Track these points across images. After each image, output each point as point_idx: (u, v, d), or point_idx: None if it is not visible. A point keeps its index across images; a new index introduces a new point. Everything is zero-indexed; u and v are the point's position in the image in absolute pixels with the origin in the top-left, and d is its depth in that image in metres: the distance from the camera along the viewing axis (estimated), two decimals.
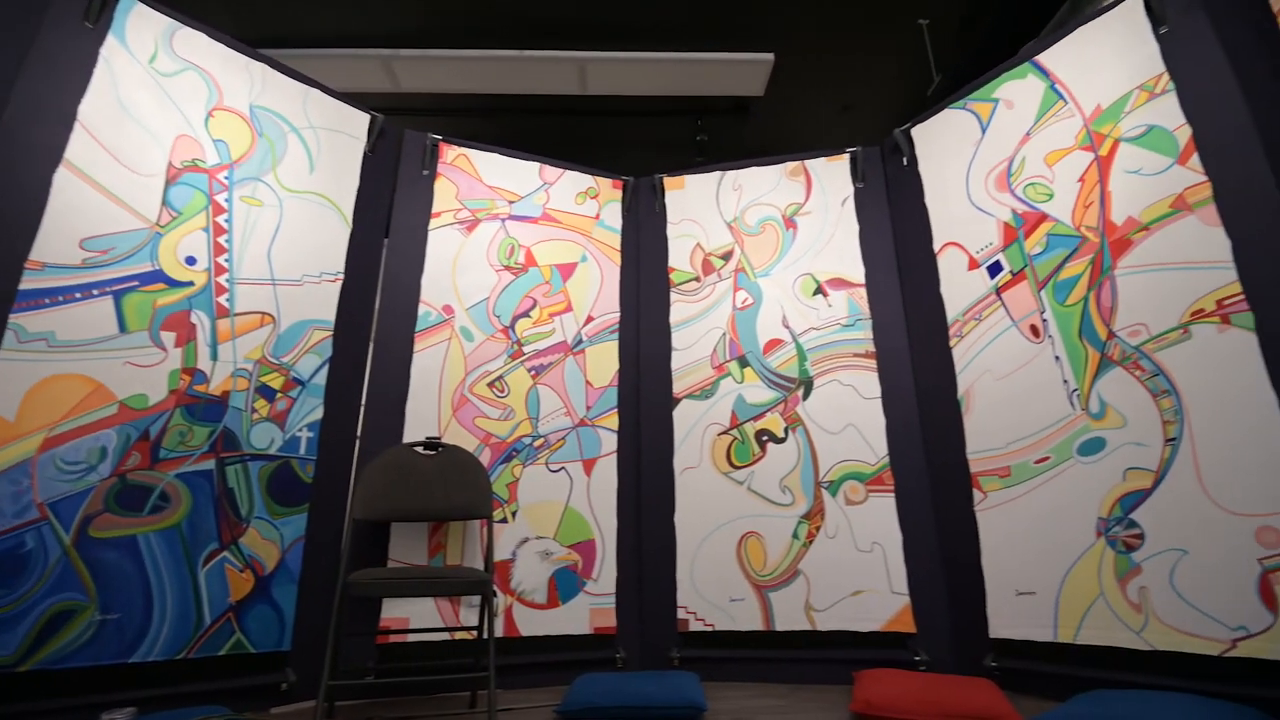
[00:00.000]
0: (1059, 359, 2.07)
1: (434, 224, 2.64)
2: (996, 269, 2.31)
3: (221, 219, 2.14)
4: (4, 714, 1.55)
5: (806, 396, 2.57)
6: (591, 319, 2.77)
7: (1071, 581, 1.93)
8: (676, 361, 2.73)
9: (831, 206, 2.82)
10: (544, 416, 2.55)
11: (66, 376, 1.75)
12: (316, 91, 2.49)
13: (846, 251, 2.73)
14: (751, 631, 2.34)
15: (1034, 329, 2.16)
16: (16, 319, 1.70)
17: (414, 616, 2.16)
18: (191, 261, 2.05)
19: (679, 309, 2.81)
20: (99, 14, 1.99)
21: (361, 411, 2.37)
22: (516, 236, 2.76)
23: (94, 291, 1.84)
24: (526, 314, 2.66)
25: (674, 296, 2.83)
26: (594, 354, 2.72)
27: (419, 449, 2.19)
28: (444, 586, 1.89)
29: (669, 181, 3.02)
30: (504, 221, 2.76)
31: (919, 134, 2.70)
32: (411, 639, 2.14)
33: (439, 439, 2.24)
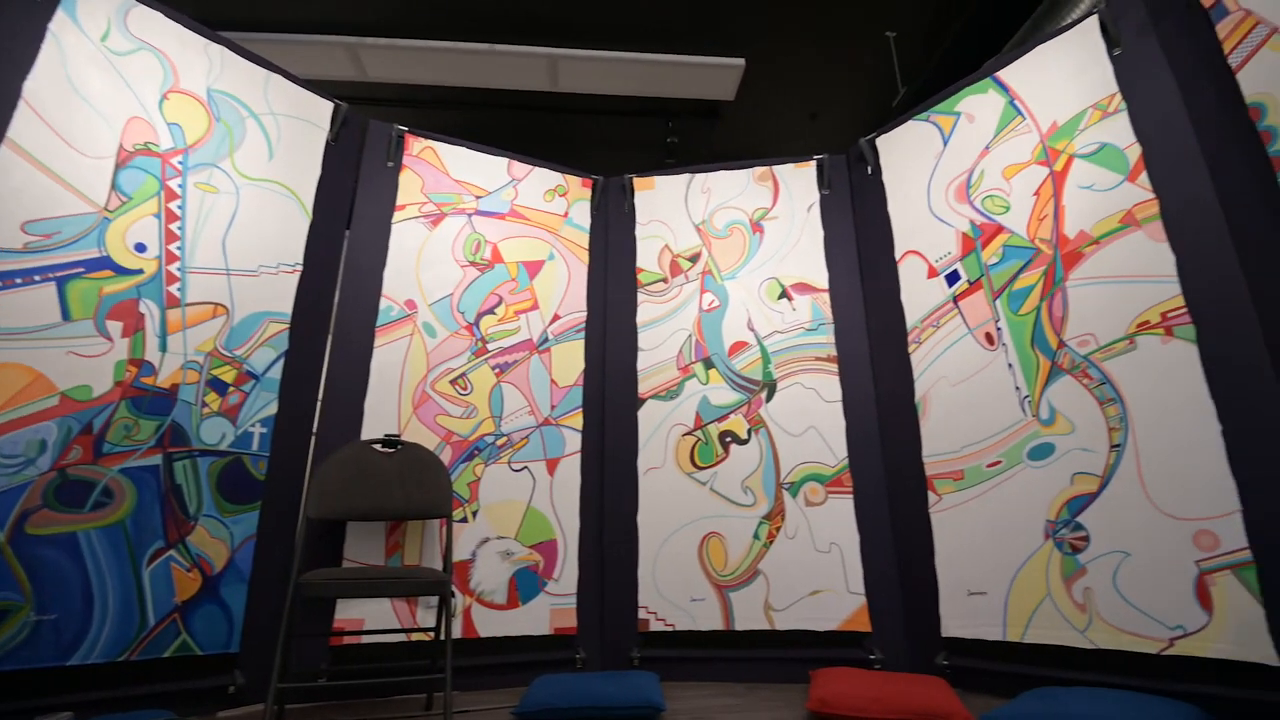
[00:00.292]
0: (1012, 366, 2.14)
1: (398, 217, 2.59)
2: (954, 278, 2.37)
3: (174, 205, 2.07)
4: None
5: (770, 399, 2.60)
6: (558, 317, 2.75)
7: (1020, 582, 1.99)
8: (642, 362, 2.73)
9: (798, 212, 2.85)
10: (507, 415, 2.53)
11: (5, 366, 1.67)
12: (278, 77, 2.42)
13: (811, 257, 2.77)
14: (711, 631, 2.36)
15: (989, 337, 2.22)
16: None
17: (369, 618, 2.12)
18: (141, 248, 1.97)
19: (646, 309, 2.81)
20: None
21: (318, 407, 2.31)
22: (483, 232, 2.73)
23: (36, 277, 1.76)
24: (492, 311, 2.63)
25: (641, 297, 2.84)
26: (560, 353, 2.70)
27: (377, 446, 2.14)
28: (400, 587, 1.86)
29: (639, 182, 3.02)
30: (470, 217, 2.72)
31: (883, 144, 2.75)
32: (366, 640, 2.10)
33: (398, 436, 2.21)
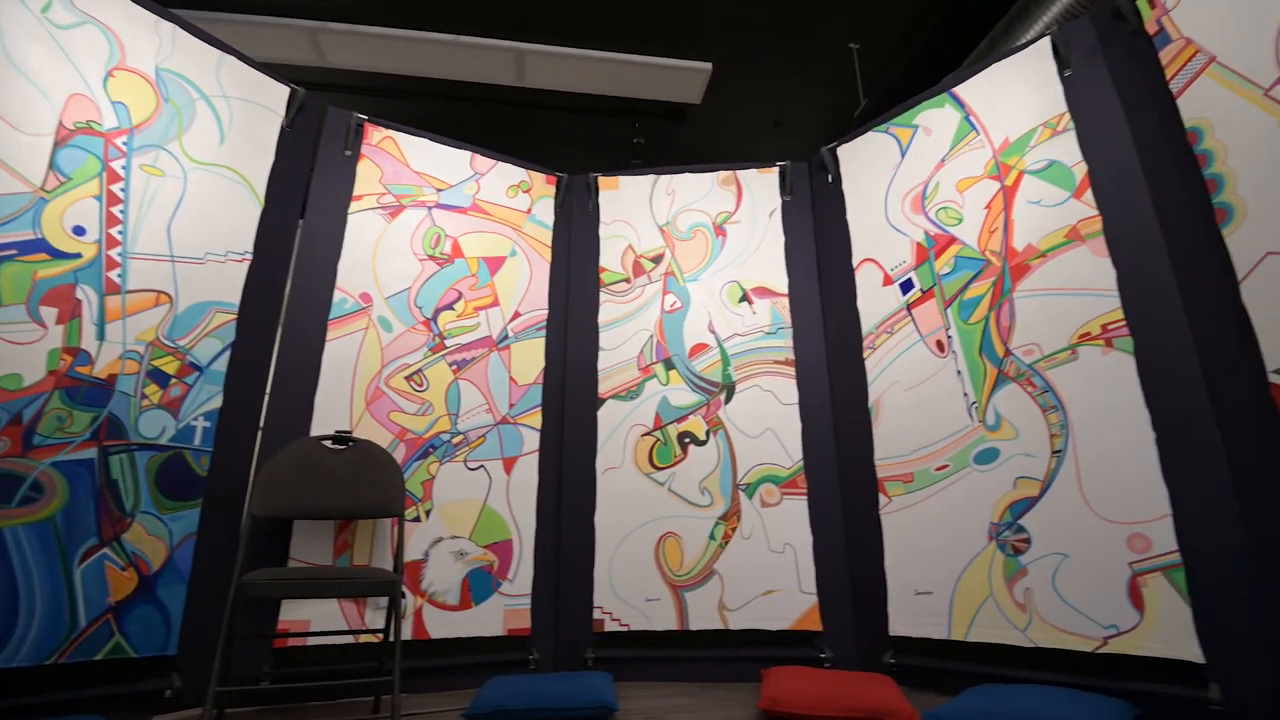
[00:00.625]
0: (961, 373, 2.20)
1: (355, 207, 2.53)
2: (908, 286, 2.43)
3: (117, 188, 1.97)
4: None
5: (729, 400, 2.62)
6: (519, 315, 2.72)
7: (965, 582, 2.05)
8: (603, 362, 2.73)
9: (760, 217, 2.89)
10: (464, 413, 2.49)
11: None
12: (232, 59, 2.34)
13: (772, 262, 2.80)
14: (666, 631, 2.36)
15: (940, 344, 2.28)
16: None
17: (315, 619, 2.06)
18: (80, 232, 1.88)
19: (608, 309, 2.81)
20: None
21: (265, 402, 2.24)
22: (443, 226, 2.68)
23: None
24: (450, 306, 2.59)
25: (603, 296, 2.83)
26: (520, 350, 2.68)
27: (327, 443, 2.09)
28: (349, 587, 1.81)
29: (604, 181, 3.02)
30: (431, 210, 2.68)
31: (844, 153, 2.80)
32: (312, 642, 2.04)
33: (349, 433, 2.15)
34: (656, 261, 2.85)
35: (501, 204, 2.84)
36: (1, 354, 1.68)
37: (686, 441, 2.58)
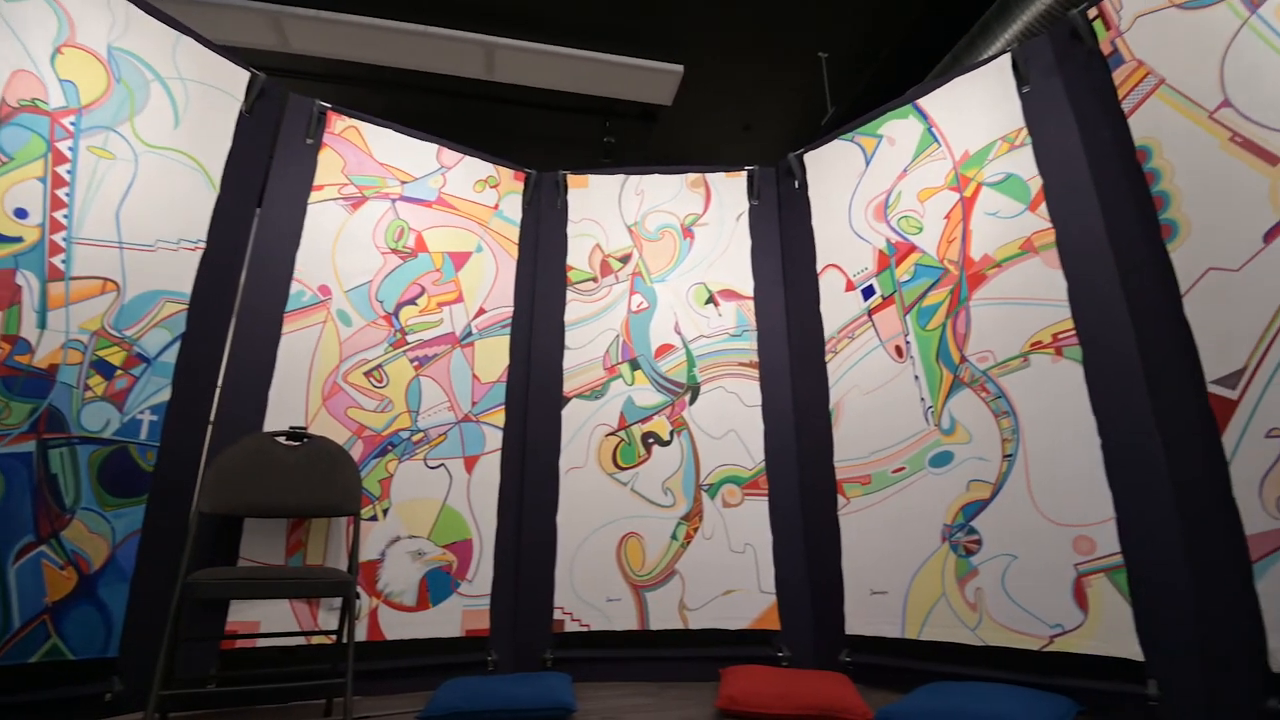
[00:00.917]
0: (918, 378, 2.25)
1: (315, 197, 2.46)
2: (870, 292, 2.47)
3: (63, 169, 1.89)
4: None
5: (693, 401, 2.63)
6: (483, 311, 2.69)
7: (919, 582, 2.10)
8: (569, 360, 2.71)
9: (727, 220, 2.91)
10: (425, 410, 2.45)
11: None
12: (189, 40, 2.26)
13: (738, 265, 2.83)
14: (627, 631, 2.36)
15: (898, 349, 2.33)
16: None
17: (265, 620, 2.00)
18: (22, 214, 1.79)
19: (574, 308, 2.79)
20: None
21: (216, 395, 2.17)
22: (407, 219, 2.63)
23: None
24: (413, 301, 2.55)
25: (570, 295, 2.81)
26: (483, 348, 2.65)
27: (281, 439, 2.03)
28: (301, 588, 1.77)
29: (573, 179, 3.00)
30: (394, 202, 2.63)
31: (811, 160, 2.84)
32: (262, 644, 1.98)
33: (304, 429, 2.10)
34: (624, 261, 2.85)
35: (468, 199, 2.80)
36: None
37: (650, 442, 2.59)
